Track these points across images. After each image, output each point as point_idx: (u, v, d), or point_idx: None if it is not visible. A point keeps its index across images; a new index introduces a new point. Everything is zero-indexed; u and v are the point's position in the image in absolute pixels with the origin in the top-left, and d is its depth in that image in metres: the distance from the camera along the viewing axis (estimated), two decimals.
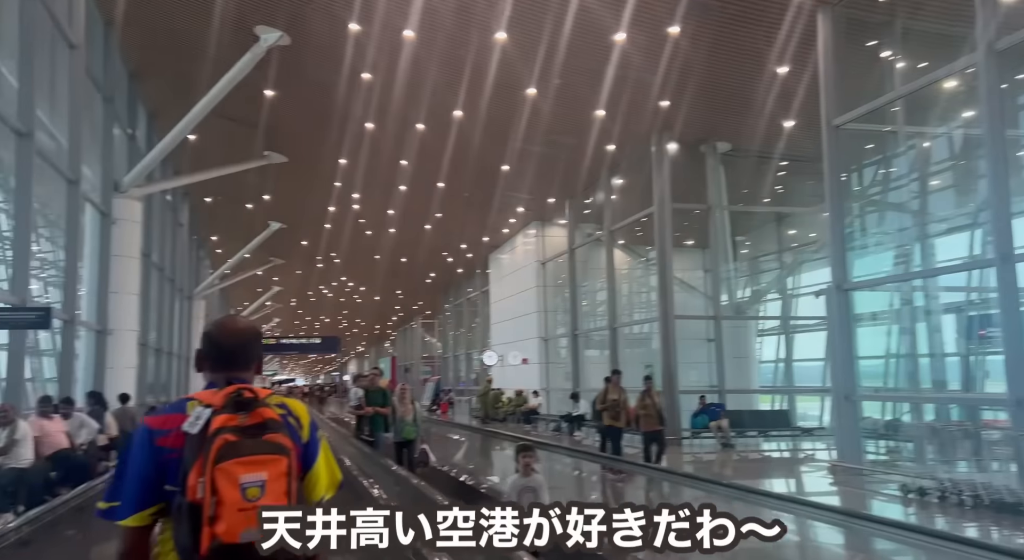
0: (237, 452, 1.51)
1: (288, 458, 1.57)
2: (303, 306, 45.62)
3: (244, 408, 1.58)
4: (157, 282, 20.93)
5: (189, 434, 1.54)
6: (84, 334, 14.40)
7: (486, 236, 26.84)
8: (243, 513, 1.49)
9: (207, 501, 1.47)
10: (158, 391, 21.16)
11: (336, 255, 30.18)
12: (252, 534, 1.49)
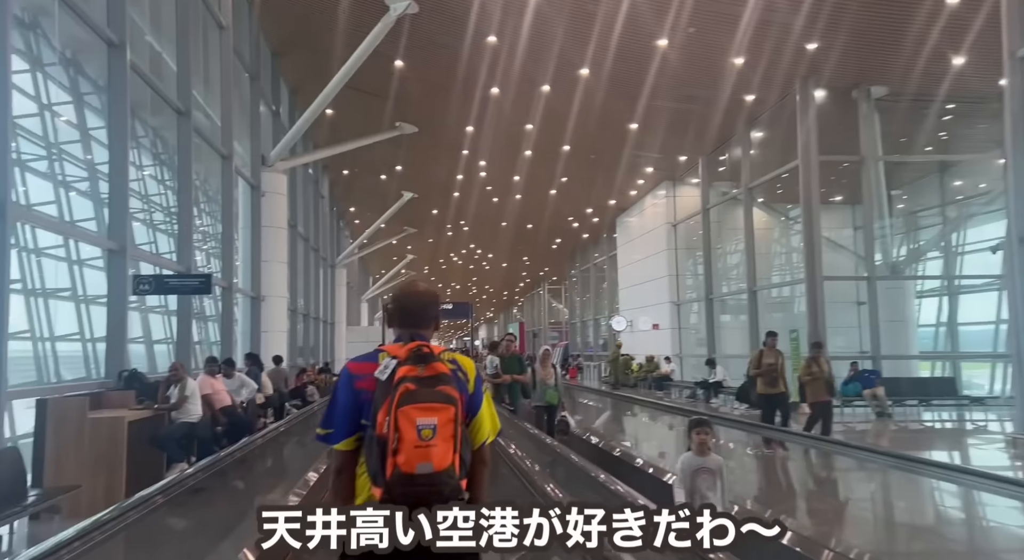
0: (415, 399, 1.79)
1: (455, 407, 1.83)
2: (435, 273, 47.15)
3: (422, 361, 1.86)
4: (303, 251, 22.25)
5: (379, 380, 1.86)
6: (241, 300, 15.55)
7: (613, 199, 26.27)
8: (418, 449, 1.75)
9: (391, 437, 1.77)
10: (307, 354, 22.65)
11: (464, 223, 30.74)
12: (425, 467, 1.75)
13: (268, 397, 10.59)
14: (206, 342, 13.06)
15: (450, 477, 1.79)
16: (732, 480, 4.80)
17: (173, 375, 7.18)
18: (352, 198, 31.07)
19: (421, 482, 1.75)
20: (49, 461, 6.01)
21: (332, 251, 29.17)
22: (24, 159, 9.25)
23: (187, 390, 7.07)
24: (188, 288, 8.82)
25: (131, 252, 8.38)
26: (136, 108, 10.45)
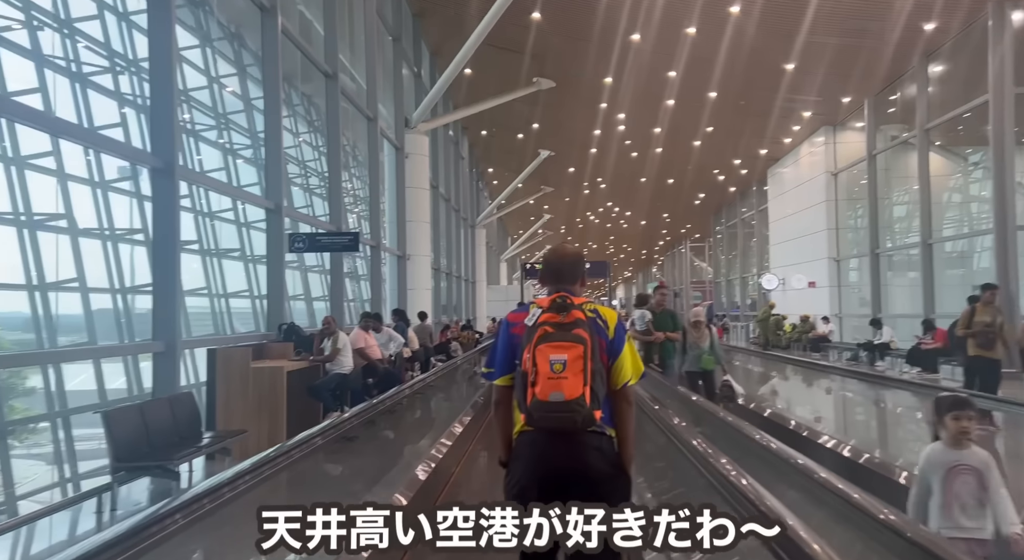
0: (549, 339, 2.14)
1: (585, 347, 2.12)
2: (572, 232, 46.87)
3: (562, 310, 2.21)
4: (444, 212, 22.77)
5: (527, 326, 2.22)
6: (388, 259, 16.15)
7: (764, 148, 24.49)
8: (550, 381, 2.09)
9: (530, 371, 2.13)
10: (450, 311, 23.36)
11: (602, 180, 30.07)
12: (557, 396, 2.07)
13: (414, 352, 10.93)
14: (358, 299, 13.72)
15: (580, 406, 2.08)
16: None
17: (326, 328, 7.50)
18: (490, 158, 31.32)
19: (554, 409, 2.08)
20: (220, 406, 6.49)
21: (472, 211, 29.69)
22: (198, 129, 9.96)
23: (339, 343, 7.35)
24: (338, 245, 9.17)
25: (286, 212, 8.80)
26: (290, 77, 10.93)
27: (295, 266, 9.79)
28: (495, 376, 2.37)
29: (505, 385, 2.34)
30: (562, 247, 2.57)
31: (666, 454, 4.96)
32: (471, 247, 29.29)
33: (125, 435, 4.68)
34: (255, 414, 6.46)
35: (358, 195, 14.90)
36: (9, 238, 6.43)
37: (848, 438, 6.30)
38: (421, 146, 16.68)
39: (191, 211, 9.41)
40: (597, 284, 75.59)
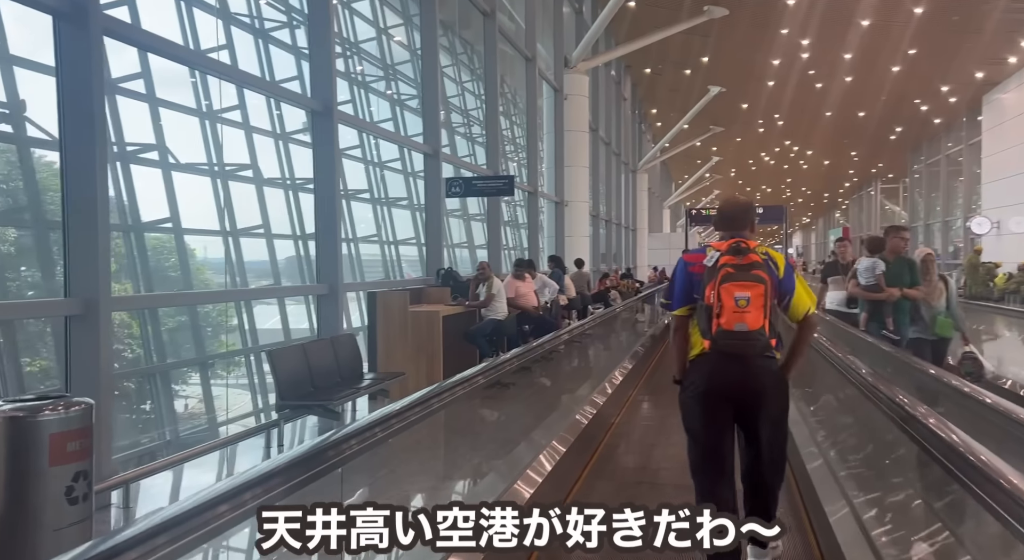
0: (733, 279, 2.51)
1: (764, 286, 2.52)
2: (743, 176, 43.91)
3: (739, 253, 2.56)
4: (604, 156, 22.06)
5: (707, 266, 2.57)
6: (545, 205, 15.92)
7: (980, 71, 21.01)
8: (735, 314, 2.49)
9: (715, 305, 2.51)
10: (608, 260, 22.85)
11: (779, 116, 27.57)
12: (741, 326, 2.49)
13: (571, 299, 10.67)
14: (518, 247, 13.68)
15: (761, 335, 2.52)
16: None
17: (480, 274, 7.41)
18: (654, 99, 29.79)
19: (739, 337, 2.50)
20: (380, 348, 6.64)
21: (634, 156, 28.60)
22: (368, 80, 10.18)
23: (493, 289, 7.24)
24: (492, 189, 9.03)
25: (444, 157, 8.75)
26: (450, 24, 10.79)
27: (458, 214, 9.86)
28: (674, 307, 2.78)
29: (683, 315, 2.76)
30: (734, 197, 2.95)
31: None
32: (632, 193, 28.33)
33: (289, 374, 4.86)
34: (413, 357, 6.55)
35: (518, 143, 14.72)
36: (206, 188, 7.12)
37: None
38: (581, 87, 16.07)
39: (361, 161, 9.74)
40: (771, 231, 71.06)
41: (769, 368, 2.62)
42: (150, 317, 6.08)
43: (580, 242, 16.25)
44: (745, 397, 2.62)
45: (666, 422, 6.03)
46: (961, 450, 1.94)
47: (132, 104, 6.43)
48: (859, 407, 3.91)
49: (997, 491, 1.67)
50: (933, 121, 27.33)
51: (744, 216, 2.78)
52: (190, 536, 1.50)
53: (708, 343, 2.58)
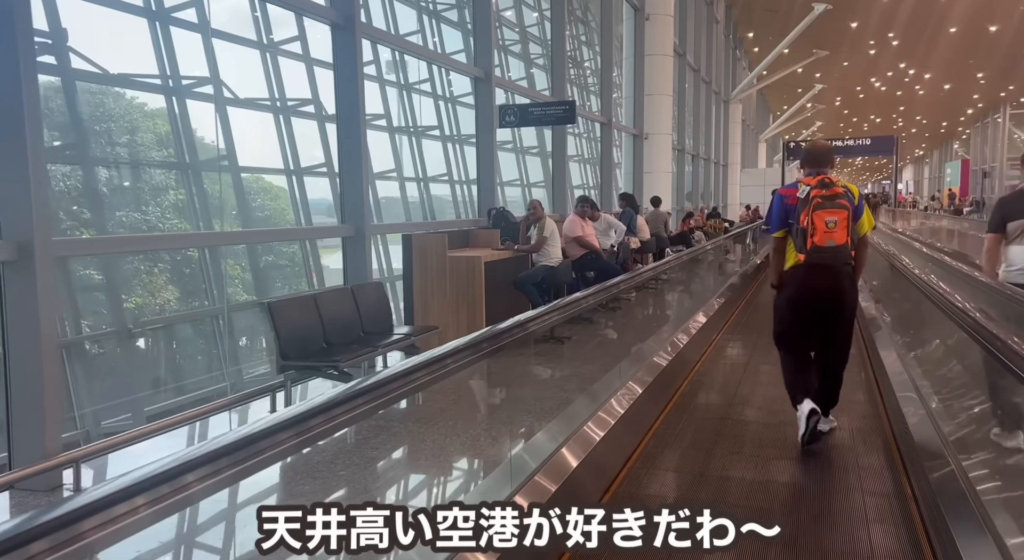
0: (823, 207, 3.31)
1: (847, 211, 3.33)
2: (849, 105, 40.17)
3: (826, 187, 3.36)
4: (692, 84, 20.30)
5: (800, 198, 3.39)
6: (623, 139, 14.68)
7: None
8: (826, 233, 3.28)
9: (809, 228, 3.31)
10: (695, 198, 21.32)
11: (894, 35, 24.55)
12: (831, 242, 3.29)
13: (644, 242, 9.65)
14: (584, 185, 12.64)
15: (845, 248, 3.38)
16: None
17: (532, 214, 6.56)
18: (751, 21, 27.22)
19: (827, 251, 3.33)
20: (416, 299, 5.97)
21: (727, 84, 26.42)
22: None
23: (545, 231, 6.38)
24: (551, 117, 8.03)
25: (497, 81, 7.82)
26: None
27: (508, 147, 8.97)
28: (773, 231, 3.62)
29: (780, 237, 3.60)
30: (818, 141, 4.40)
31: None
32: (723, 125, 26.29)
33: (294, 330, 4.25)
34: (452, 308, 5.86)
35: (586, 67, 13.46)
36: (269, 124, 6.86)
37: None
38: (665, 5, 14.50)
39: (430, 95, 8.83)
40: (879, 165, 65.82)
41: (848, 273, 3.52)
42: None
43: (661, 179, 14.99)
44: (831, 296, 3.47)
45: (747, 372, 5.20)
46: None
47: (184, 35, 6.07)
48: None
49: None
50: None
51: (827, 156, 3.65)
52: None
53: (803, 256, 3.41)
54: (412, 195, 9.26)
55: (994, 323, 2.81)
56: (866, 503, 3.03)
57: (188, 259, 6.08)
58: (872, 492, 3.16)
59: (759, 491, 3.17)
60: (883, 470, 3.43)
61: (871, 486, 3.23)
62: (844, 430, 3.95)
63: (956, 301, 3.41)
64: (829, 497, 3.13)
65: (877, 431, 3.95)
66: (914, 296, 4.96)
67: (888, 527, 2.82)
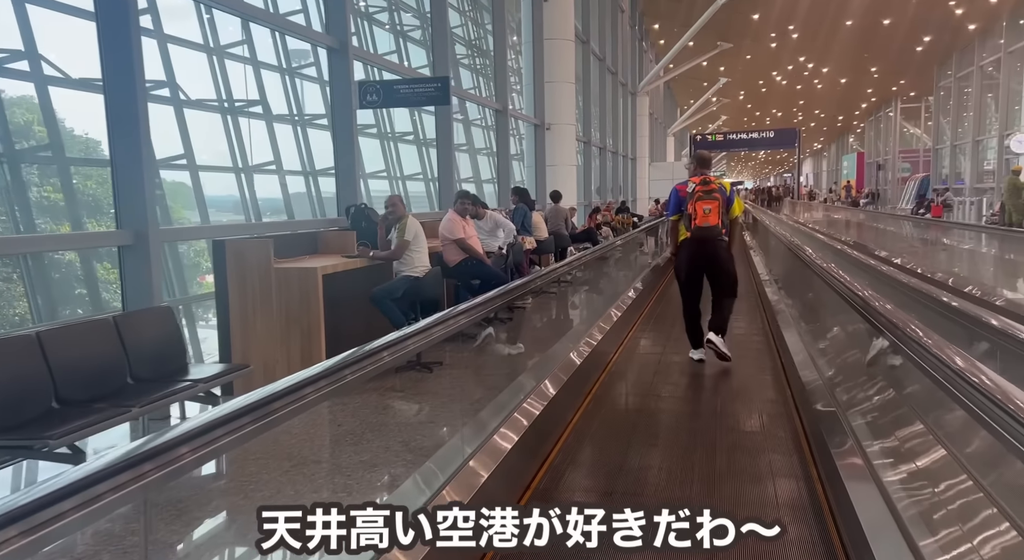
0: (702, 198, 5.05)
1: (718, 202, 5.06)
2: (752, 99, 40.84)
3: (705, 185, 5.08)
4: (597, 74, 19.50)
5: (688, 191, 5.12)
6: (524, 129, 13.61)
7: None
8: (704, 217, 5.04)
9: (693, 213, 5.08)
10: (605, 192, 20.58)
11: (793, 28, 24.67)
12: (707, 223, 5.07)
13: (541, 241, 8.57)
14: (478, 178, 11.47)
15: (717, 228, 5.07)
16: None
17: (391, 213, 5.28)
18: (657, 11, 26.84)
19: (705, 229, 5.03)
20: (234, 322, 4.59)
21: (634, 76, 25.89)
22: None
23: (407, 233, 5.13)
24: (422, 97, 6.78)
25: (355, 53, 6.48)
26: None
27: (372, 133, 7.75)
28: (671, 214, 5.38)
29: (676, 219, 5.33)
30: (701, 152, 6.37)
31: None
32: (631, 118, 25.76)
33: None
34: (282, 336, 4.53)
35: (480, 47, 12.29)
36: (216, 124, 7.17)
37: None
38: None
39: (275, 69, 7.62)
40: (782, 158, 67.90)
41: (723, 244, 5.24)
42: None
43: (566, 172, 14.02)
44: (709, 258, 5.23)
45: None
46: None
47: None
48: None
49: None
50: (967, 27, 24.34)
51: (708, 162, 5.72)
52: None
53: (690, 233, 5.17)
54: (298, 189, 8.42)
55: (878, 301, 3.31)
56: (778, 490, 3.18)
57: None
58: (783, 474, 3.36)
59: (675, 481, 3.30)
60: (791, 453, 3.62)
61: (780, 468, 3.44)
62: (754, 416, 4.28)
63: (856, 290, 3.73)
64: (740, 481, 3.31)
65: (791, 435, 3.95)
66: (815, 283, 5.46)
67: (798, 513, 2.95)
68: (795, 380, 4.58)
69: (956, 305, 3.35)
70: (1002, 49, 23.24)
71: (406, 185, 12.48)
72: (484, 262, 6.17)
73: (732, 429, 4.05)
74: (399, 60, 10.16)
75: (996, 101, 24.60)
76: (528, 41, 13.51)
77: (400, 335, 3.37)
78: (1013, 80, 22.32)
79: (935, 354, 2.35)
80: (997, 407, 1.79)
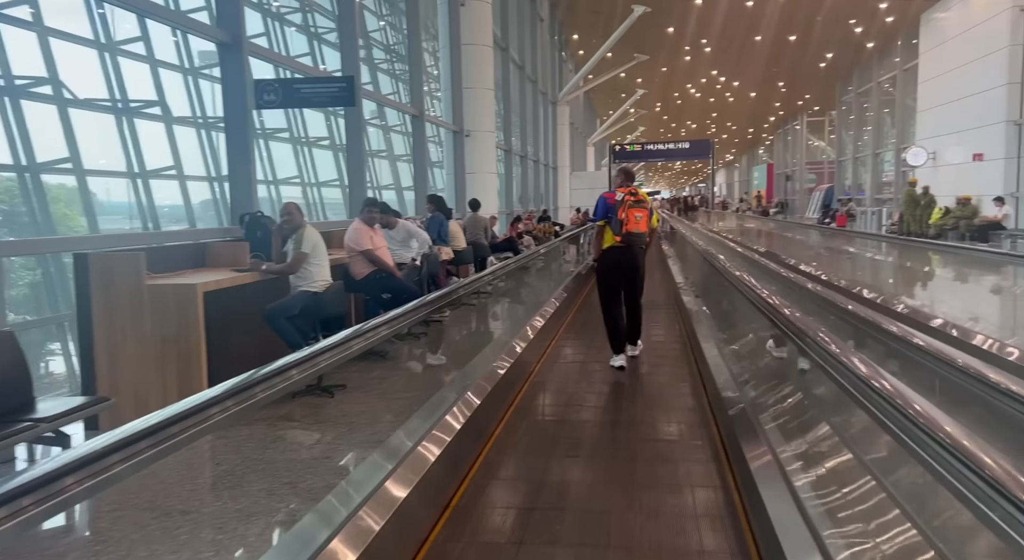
0: (634, 206, 5.45)
1: (647, 210, 5.55)
2: (668, 111, 41.89)
3: (634, 195, 5.54)
4: (518, 82, 19.36)
5: (618, 200, 5.48)
6: (444, 136, 13.24)
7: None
8: (635, 224, 5.43)
9: (624, 220, 5.43)
10: (527, 201, 20.43)
11: (707, 41, 25.36)
12: (637, 229, 5.46)
13: (459, 251, 8.20)
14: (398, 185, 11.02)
15: (644, 236, 5.52)
16: None
17: (286, 222, 4.79)
18: (576, 22, 27.05)
19: (635, 235, 5.44)
20: (99, 347, 4.00)
21: (553, 85, 25.94)
22: None
23: (304, 244, 4.65)
24: (325, 97, 6.31)
25: (250, 48, 5.95)
26: None
27: (284, 137, 7.24)
28: (597, 220, 5.60)
29: (602, 225, 5.57)
30: (628, 166, 7.33)
31: None
32: (552, 127, 25.79)
33: None
34: (157, 362, 3.98)
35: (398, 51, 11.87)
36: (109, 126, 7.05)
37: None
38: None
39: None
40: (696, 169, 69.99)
41: (644, 250, 5.65)
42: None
43: (486, 180, 13.73)
44: (634, 264, 5.58)
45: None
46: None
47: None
48: None
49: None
50: (866, 46, 25.68)
51: (632, 175, 6.10)
52: None
53: (619, 238, 5.45)
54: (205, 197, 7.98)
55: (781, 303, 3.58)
56: (696, 500, 3.22)
57: None
58: (700, 485, 3.38)
59: (597, 494, 3.31)
60: (709, 461, 3.68)
61: (699, 477, 3.48)
62: (673, 424, 4.36)
63: (766, 297, 3.87)
64: (660, 490, 3.34)
65: (708, 442, 4.01)
66: (730, 291, 5.75)
67: (715, 521, 2.99)
68: (711, 387, 4.71)
69: (852, 308, 3.68)
70: (898, 67, 24.60)
71: (321, 192, 11.88)
72: (394, 275, 5.75)
73: (652, 439, 4.11)
74: (314, 62, 9.63)
75: (892, 116, 26.03)
76: (446, 46, 13.17)
77: (293, 359, 2.98)
78: (908, 96, 23.61)
79: (840, 360, 2.51)
80: (898, 412, 1.91)
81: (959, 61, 18.79)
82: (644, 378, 5.49)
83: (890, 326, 3.13)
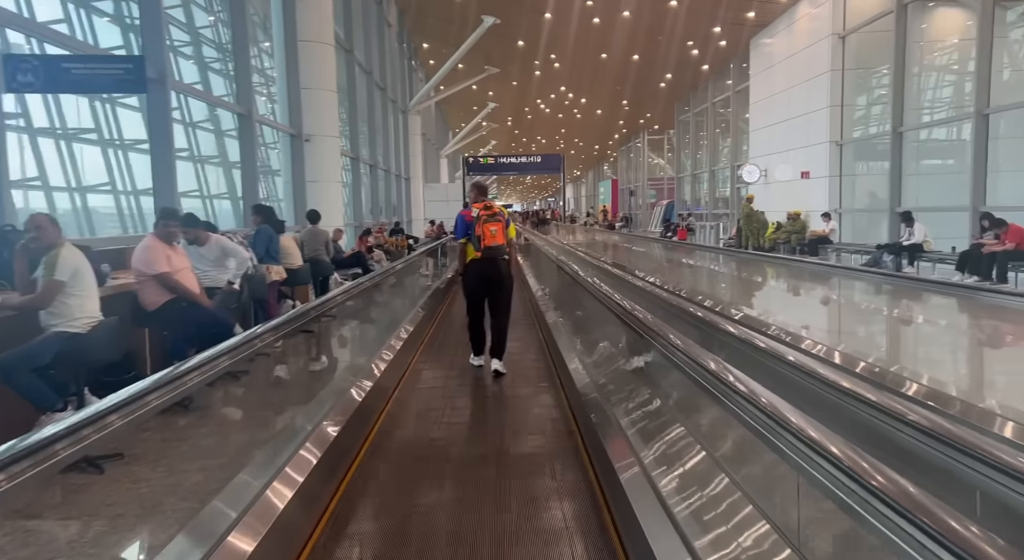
0: (488, 221, 5.77)
1: (501, 224, 5.81)
2: (519, 125, 42.28)
3: (489, 209, 5.85)
4: (365, 87, 18.22)
5: (475, 216, 5.80)
6: (281, 141, 11.91)
7: (751, 11, 20.42)
8: (492, 238, 5.74)
9: (482, 235, 5.76)
10: (378, 213, 19.27)
11: (556, 57, 25.60)
12: (495, 243, 5.76)
13: (294, 270, 7.06)
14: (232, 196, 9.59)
15: (503, 247, 5.81)
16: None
17: (33, 239, 3.54)
18: (425, 30, 26.30)
19: (493, 248, 5.74)
20: None
21: (404, 94, 24.97)
22: None
23: (57, 271, 3.43)
24: (106, 81, 4.99)
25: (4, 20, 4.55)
26: None
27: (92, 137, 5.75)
28: (459, 238, 5.92)
29: (463, 242, 5.86)
30: (480, 181, 6.39)
31: None
32: (403, 137, 24.80)
33: None
34: None
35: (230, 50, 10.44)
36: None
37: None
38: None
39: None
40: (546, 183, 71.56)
41: (506, 262, 5.89)
42: None
43: (330, 189, 12.52)
44: (497, 277, 5.84)
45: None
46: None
47: None
48: None
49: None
50: (701, 68, 27.12)
51: (486, 190, 6.23)
52: None
53: (480, 253, 5.74)
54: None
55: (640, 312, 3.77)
56: (566, 514, 3.23)
57: None
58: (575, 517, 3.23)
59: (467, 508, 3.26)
60: (576, 470, 3.73)
61: (568, 490, 3.50)
62: (538, 436, 4.34)
63: (617, 299, 4.15)
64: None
65: (573, 452, 4.04)
66: (585, 299, 6.07)
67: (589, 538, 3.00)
68: (573, 395, 4.84)
69: (702, 315, 4.00)
70: (730, 89, 26.14)
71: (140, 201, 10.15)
72: (199, 303, 4.57)
73: (518, 454, 4.10)
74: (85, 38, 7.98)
75: (726, 135, 27.68)
76: (280, 41, 11.87)
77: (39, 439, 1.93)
78: (740, 117, 25.12)
79: (693, 358, 2.69)
80: (750, 403, 2.12)
81: (785, 84, 20.12)
82: (508, 391, 5.59)
83: (729, 327, 3.52)
